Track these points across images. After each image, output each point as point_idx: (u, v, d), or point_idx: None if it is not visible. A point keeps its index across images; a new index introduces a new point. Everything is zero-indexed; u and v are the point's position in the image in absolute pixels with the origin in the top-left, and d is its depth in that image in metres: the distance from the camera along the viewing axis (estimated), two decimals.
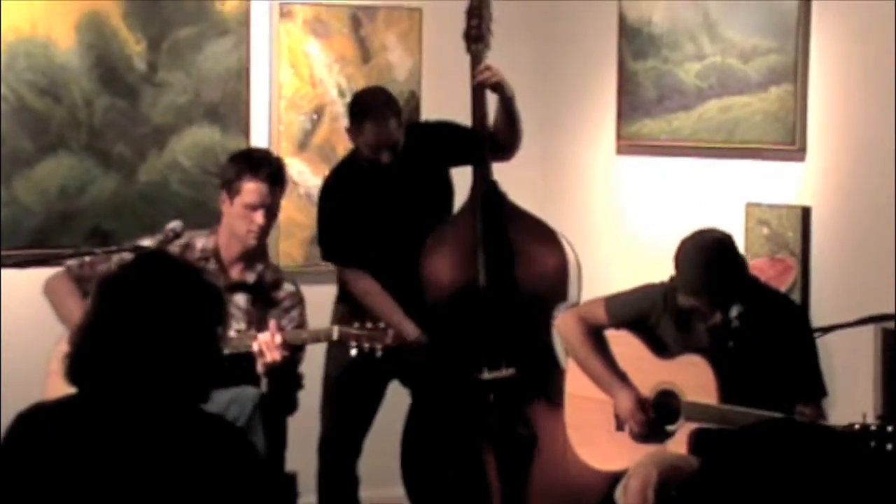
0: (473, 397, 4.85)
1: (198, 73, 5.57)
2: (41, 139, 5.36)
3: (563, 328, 4.62)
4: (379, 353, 4.46)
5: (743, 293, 4.31)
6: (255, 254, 4.61)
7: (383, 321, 4.57)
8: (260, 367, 4.38)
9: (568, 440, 4.63)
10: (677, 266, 4.31)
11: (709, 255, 4.28)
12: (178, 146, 5.49)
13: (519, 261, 4.90)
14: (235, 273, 4.59)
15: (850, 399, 4.46)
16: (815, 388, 4.29)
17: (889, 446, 3.76)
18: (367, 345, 4.45)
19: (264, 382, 4.44)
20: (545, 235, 4.94)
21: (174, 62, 5.53)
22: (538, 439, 4.85)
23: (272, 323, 4.43)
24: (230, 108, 5.63)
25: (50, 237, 5.33)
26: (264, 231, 4.57)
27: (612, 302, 4.54)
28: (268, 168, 4.55)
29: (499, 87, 4.92)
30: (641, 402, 4.40)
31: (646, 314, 4.46)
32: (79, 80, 5.39)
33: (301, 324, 4.61)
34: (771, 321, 4.34)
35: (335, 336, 4.48)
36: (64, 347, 2.81)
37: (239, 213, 4.52)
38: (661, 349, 4.44)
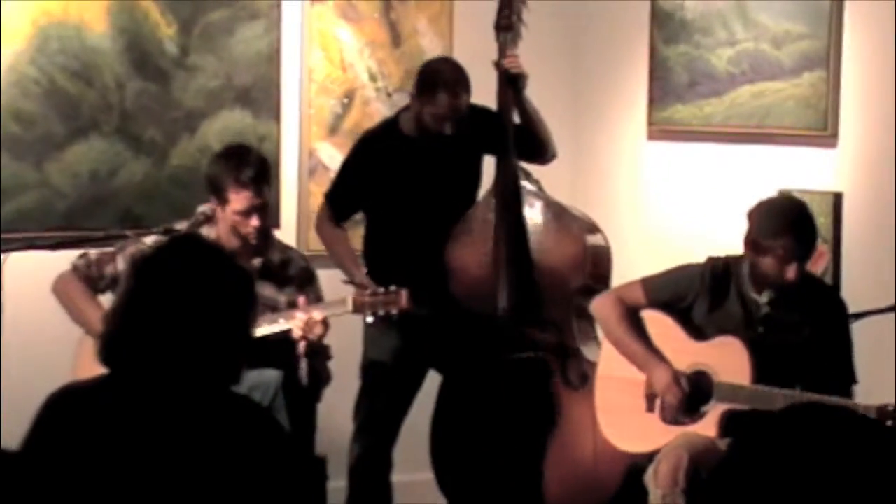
0: (492, 381, 4.86)
1: (229, 57, 5.58)
2: (73, 122, 5.37)
3: (601, 309, 4.62)
4: (395, 317, 4.44)
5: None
6: (258, 244, 4.59)
7: (342, 270, 4.67)
8: (302, 349, 4.40)
9: (595, 423, 4.63)
10: (754, 215, 4.30)
11: (796, 203, 4.38)
12: (209, 130, 5.49)
13: (537, 248, 4.91)
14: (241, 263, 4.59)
15: (879, 386, 4.44)
16: (845, 377, 4.29)
17: None
18: (381, 311, 4.45)
19: (304, 363, 4.45)
20: (563, 223, 4.95)
21: (205, 46, 5.54)
22: (553, 423, 4.86)
23: (302, 301, 4.44)
24: (261, 92, 5.64)
25: (81, 220, 5.34)
26: (263, 229, 4.55)
27: (650, 282, 4.54)
28: (249, 171, 4.50)
29: (519, 79, 4.91)
30: (678, 377, 4.39)
31: (682, 295, 4.46)
32: (111, 64, 5.40)
33: (318, 299, 4.62)
34: (808, 307, 4.34)
35: (349, 306, 4.47)
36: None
37: (234, 219, 4.52)
38: (695, 331, 4.44)
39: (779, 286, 4.31)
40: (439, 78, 4.92)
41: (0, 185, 5.24)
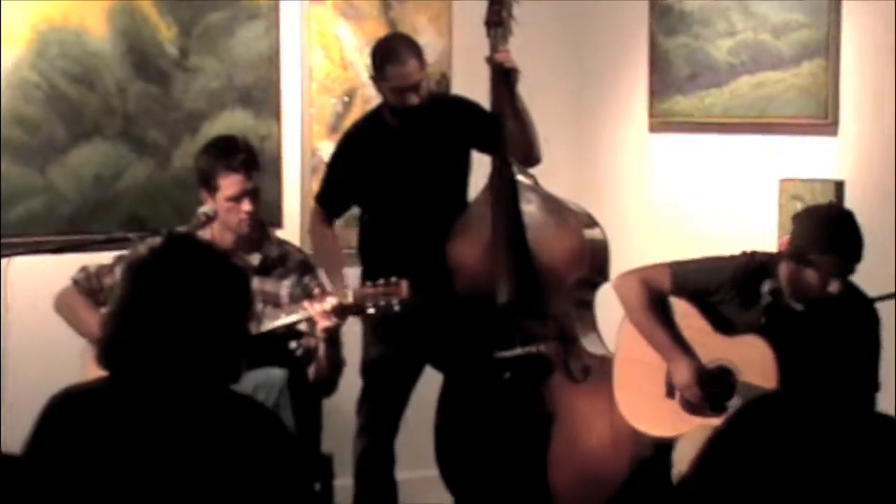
0: (494, 376, 4.88)
1: (229, 58, 5.59)
2: (75, 126, 5.39)
3: (624, 289, 4.49)
4: (396, 308, 4.44)
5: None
6: (252, 236, 4.61)
7: (325, 274, 4.66)
8: (321, 335, 4.40)
9: (599, 415, 4.62)
10: (801, 225, 4.19)
11: (845, 217, 4.24)
12: (211, 131, 5.49)
13: (535, 242, 4.91)
14: (237, 261, 4.57)
15: (881, 373, 4.44)
16: (868, 383, 4.23)
17: None
18: (382, 302, 4.45)
19: (322, 349, 4.46)
20: (560, 217, 4.94)
21: (206, 47, 5.55)
22: (556, 417, 4.87)
23: (318, 290, 4.46)
24: (262, 92, 5.65)
25: (85, 224, 5.36)
26: (255, 215, 4.57)
27: (679, 269, 4.42)
28: (240, 155, 4.54)
29: (511, 74, 4.89)
30: (699, 376, 4.31)
31: (712, 289, 4.36)
32: (112, 67, 5.42)
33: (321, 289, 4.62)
34: (840, 314, 4.25)
35: (350, 299, 4.47)
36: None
37: (224, 206, 4.53)
38: (722, 325, 4.35)
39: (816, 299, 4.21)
40: (383, 52, 4.94)
41: (1, 189, 5.26)
